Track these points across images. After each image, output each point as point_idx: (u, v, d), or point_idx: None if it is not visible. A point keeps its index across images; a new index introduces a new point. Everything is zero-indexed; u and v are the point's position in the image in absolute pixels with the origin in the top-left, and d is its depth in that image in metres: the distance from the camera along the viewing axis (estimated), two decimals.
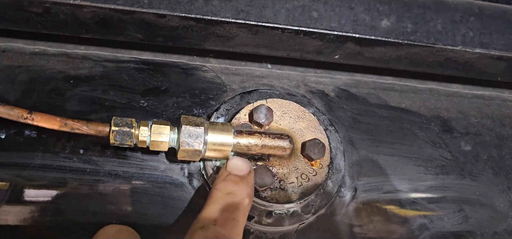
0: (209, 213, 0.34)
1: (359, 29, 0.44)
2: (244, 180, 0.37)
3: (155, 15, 0.40)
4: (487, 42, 0.46)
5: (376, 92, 0.52)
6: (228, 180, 0.36)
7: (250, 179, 0.38)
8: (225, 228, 0.32)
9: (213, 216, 0.33)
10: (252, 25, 0.42)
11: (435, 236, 0.46)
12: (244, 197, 0.35)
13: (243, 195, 0.36)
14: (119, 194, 0.41)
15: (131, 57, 0.48)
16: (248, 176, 0.37)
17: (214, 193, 0.35)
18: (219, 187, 0.36)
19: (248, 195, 0.36)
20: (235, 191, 0.35)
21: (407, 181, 0.47)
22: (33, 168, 0.40)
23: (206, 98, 0.47)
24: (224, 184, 0.36)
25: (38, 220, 0.39)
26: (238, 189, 0.36)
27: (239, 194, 0.35)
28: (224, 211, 0.34)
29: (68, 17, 0.41)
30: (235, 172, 0.37)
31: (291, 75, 0.51)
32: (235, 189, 0.36)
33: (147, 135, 0.38)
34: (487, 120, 0.53)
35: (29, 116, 0.37)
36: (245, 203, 0.35)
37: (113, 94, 0.45)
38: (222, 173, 0.37)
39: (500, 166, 0.50)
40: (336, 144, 0.46)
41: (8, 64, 0.44)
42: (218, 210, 0.34)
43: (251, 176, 0.38)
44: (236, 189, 0.36)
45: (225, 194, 0.35)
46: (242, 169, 0.37)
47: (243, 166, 0.38)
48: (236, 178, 0.36)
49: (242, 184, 0.36)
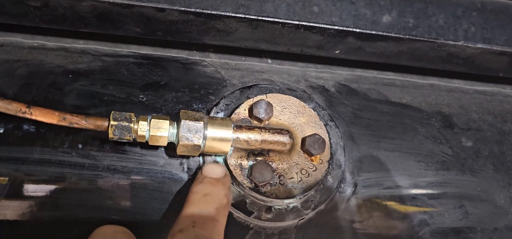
0: (188, 215, 0.34)
1: (360, 24, 0.43)
2: (220, 181, 0.37)
3: (154, 9, 0.40)
4: (489, 38, 0.46)
5: (377, 88, 0.52)
6: (204, 182, 0.36)
7: (227, 181, 0.38)
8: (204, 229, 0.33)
9: (192, 218, 0.33)
10: (252, 20, 0.42)
11: (435, 232, 0.46)
12: (222, 197, 0.36)
13: (221, 195, 0.36)
14: (118, 189, 0.41)
15: (130, 52, 0.48)
16: (224, 178, 0.38)
17: (191, 196, 0.35)
18: (196, 190, 0.36)
19: (225, 195, 0.36)
20: (212, 192, 0.36)
21: (408, 177, 0.47)
22: (32, 162, 0.40)
23: (205, 93, 0.46)
24: (201, 186, 0.36)
25: (37, 215, 0.39)
26: (215, 190, 0.36)
27: (216, 194, 0.36)
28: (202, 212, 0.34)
29: (67, 11, 0.40)
30: (211, 175, 0.37)
31: (291, 70, 0.51)
32: (212, 190, 0.36)
33: (146, 129, 0.38)
34: (488, 116, 0.53)
35: (27, 111, 0.37)
36: (223, 203, 0.36)
37: (112, 88, 0.44)
38: (198, 176, 0.38)
39: (501, 161, 0.50)
40: (336, 139, 0.46)
41: (7, 59, 0.44)
42: (197, 212, 0.34)
43: (227, 179, 0.38)
44: (213, 190, 0.36)
45: (202, 195, 0.35)
46: (218, 172, 0.38)
47: (218, 169, 0.38)
48: (212, 180, 0.37)
49: (219, 185, 0.36)
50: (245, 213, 0.42)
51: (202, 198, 0.35)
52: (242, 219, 0.42)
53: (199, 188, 0.36)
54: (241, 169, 0.41)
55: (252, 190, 0.41)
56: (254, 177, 0.40)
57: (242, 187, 0.41)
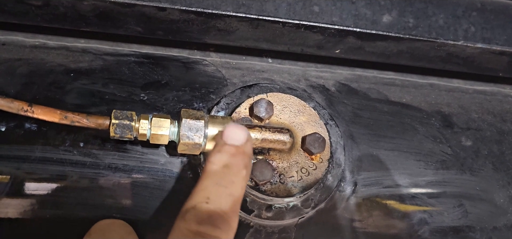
0: (202, 189, 0.31)
1: (360, 23, 0.44)
2: (241, 150, 0.33)
3: (155, 8, 0.40)
4: (489, 37, 0.46)
5: (377, 87, 0.52)
6: (223, 151, 0.33)
7: (248, 148, 0.34)
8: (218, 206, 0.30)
9: (207, 193, 0.31)
10: (252, 19, 0.42)
11: (434, 231, 0.46)
12: (241, 169, 0.33)
13: (240, 167, 0.33)
14: (119, 187, 0.41)
15: (131, 51, 0.48)
16: (246, 145, 0.34)
17: (208, 167, 0.32)
18: (214, 160, 0.33)
19: (245, 166, 0.33)
20: (231, 163, 0.32)
21: (407, 176, 0.47)
22: (33, 160, 0.40)
23: (206, 92, 0.47)
24: (219, 156, 0.33)
25: (38, 213, 0.39)
26: (234, 161, 0.33)
27: (235, 166, 0.32)
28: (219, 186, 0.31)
29: (68, 10, 0.41)
30: (232, 142, 0.34)
31: (292, 69, 0.51)
32: (231, 161, 0.32)
33: (147, 128, 0.38)
34: (488, 115, 0.53)
35: (29, 109, 0.37)
36: (242, 175, 0.33)
37: (113, 87, 0.45)
38: (218, 143, 0.34)
39: (501, 161, 0.50)
40: (336, 138, 0.46)
41: (8, 57, 0.44)
42: (212, 186, 0.31)
43: (249, 145, 0.35)
44: (232, 161, 0.33)
45: (220, 167, 0.32)
46: (240, 138, 0.34)
47: (240, 134, 0.34)
48: (232, 149, 0.33)
49: (239, 155, 0.33)
50: (246, 212, 0.42)
51: (220, 170, 0.32)
52: (243, 218, 0.42)
53: (217, 158, 0.33)
54: None
55: (253, 188, 0.41)
56: (254, 175, 0.40)
57: None
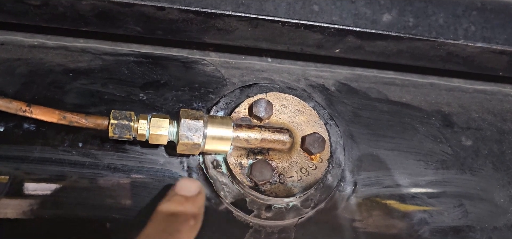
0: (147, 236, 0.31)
1: (360, 23, 0.43)
2: (191, 200, 0.34)
3: (154, 7, 0.40)
4: (489, 37, 0.46)
5: (377, 87, 0.52)
6: (172, 201, 0.34)
7: (199, 199, 0.35)
8: None
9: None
10: (252, 18, 0.42)
11: (435, 230, 0.46)
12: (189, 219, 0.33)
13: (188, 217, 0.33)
14: (118, 187, 0.41)
15: (130, 51, 0.48)
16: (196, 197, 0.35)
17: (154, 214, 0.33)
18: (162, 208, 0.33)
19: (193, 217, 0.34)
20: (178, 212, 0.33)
21: (407, 176, 0.47)
22: (32, 161, 0.40)
23: (205, 92, 0.46)
24: (167, 204, 0.34)
25: (37, 213, 0.39)
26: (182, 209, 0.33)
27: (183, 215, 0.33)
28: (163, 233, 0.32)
29: (67, 9, 0.40)
30: (183, 193, 0.35)
31: (291, 69, 0.51)
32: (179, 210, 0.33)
33: (146, 128, 0.38)
34: (488, 115, 0.53)
35: (28, 109, 0.37)
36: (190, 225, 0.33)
37: (112, 87, 0.44)
38: (168, 193, 0.35)
39: (501, 161, 0.50)
40: (336, 138, 0.46)
41: (7, 57, 0.44)
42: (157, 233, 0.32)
43: (201, 197, 0.35)
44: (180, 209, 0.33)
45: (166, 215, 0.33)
46: (191, 190, 0.35)
47: (192, 187, 0.35)
48: (181, 199, 0.34)
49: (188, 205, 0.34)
50: (245, 212, 0.42)
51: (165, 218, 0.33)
52: (242, 218, 0.42)
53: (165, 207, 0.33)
54: (241, 168, 0.41)
55: (252, 188, 0.41)
56: (254, 175, 0.40)
57: (242, 185, 0.41)
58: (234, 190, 0.42)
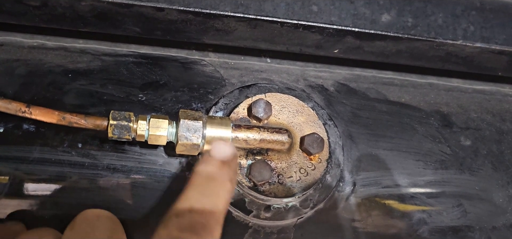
0: (186, 199, 0.31)
1: (359, 23, 0.43)
2: (227, 164, 0.34)
3: (153, 8, 0.40)
4: (488, 37, 0.46)
5: (376, 87, 0.52)
6: (209, 163, 0.34)
7: (233, 163, 0.35)
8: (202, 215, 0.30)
9: (190, 202, 0.31)
10: (251, 19, 0.42)
11: (433, 230, 0.46)
12: (226, 182, 0.33)
13: (224, 179, 0.33)
14: (118, 188, 0.41)
15: (129, 51, 0.48)
16: (231, 161, 0.35)
17: (193, 177, 0.33)
18: (199, 170, 0.33)
19: (230, 180, 0.34)
20: (216, 174, 0.33)
21: (406, 176, 0.47)
22: (31, 161, 0.40)
23: (204, 92, 0.46)
24: (204, 167, 0.33)
25: (36, 214, 0.39)
26: (219, 172, 0.33)
27: (220, 178, 0.33)
28: (202, 196, 0.32)
29: (66, 10, 0.41)
30: (218, 156, 0.35)
31: (290, 69, 0.51)
32: (216, 173, 0.33)
33: (145, 128, 0.38)
34: (487, 115, 0.53)
35: (27, 110, 0.37)
36: (227, 188, 0.33)
37: (111, 88, 0.45)
38: (204, 156, 0.35)
39: (500, 160, 0.50)
40: (335, 139, 0.46)
41: (6, 58, 0.44)
42: (196, 195, 0.32)
43: (235, 161, 0.36)
44: (217, 172, 0.33)
45: (204, 178, 0.33)
46: (226, 153, 0.35)
47: (227, 150, 0.35)
48: (217, 162, 0.34)
49: (224, 168, 0.34)
50: (244, 212, 0.42)
51: (204, 181, 0.33)
52: (241, 218, 0.42)
53: (202, 169, 0.33)
54: (240, 168, 0.41)
55: (251, 189, 0.41)
56: (253, 176, 0.40)
57: (241, 186, 0.41)
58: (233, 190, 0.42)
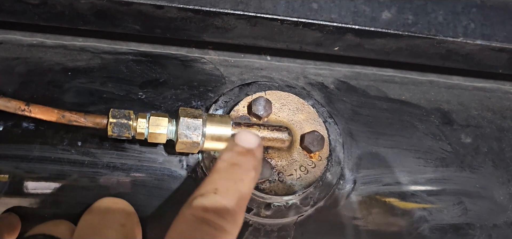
0: (211, 182, 0.32)
1: (359, 20, 0.43)
2: (251, 152, 0.35)
3: (153, 6, 0.40)
4: (488, 34, 0.46)
5: (376, 85, 0.52)
6: (234, 151, 0.34)
7: (258, 152, 0.35)
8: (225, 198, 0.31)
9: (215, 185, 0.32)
10: (251, 17, 0.42)
11: (434, 228, 0.46)
12: (250, 169, 0.34)
13: (249, 167, 0.34)
14: (118, 186, 0.41)
15: (129, 49, 0.48)
16: (256, 149, 0.35)
17: (219, 163, 0.34)
18: (224, 157, 0.34)
19: (254, 168, 0.34)
20: (240, 162, 0.34)
21: (407, 174, 0.47)
22: (31, 160, 0.40)
23: (204, 90, 0.46)
24: (229, 154, 0.34)
25: (36, 212, 0.39)
26: (244, 160, 0.34)
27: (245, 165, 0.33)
28: (227, 180, 0.32)
29: (65, 8, 0.40)
30: (243, 144, 0.35)
31: (290, 67, 0.51)
32: (241, 160, 0.34)
33: (145, 126, 0.38)
34: (487, 112, 0.53)
35: (26, 108, 0.37)
36: (251, 175, 0.34)
37: (111, 86, 0.44)
38: (229, 143, 0.35)
39: (501, 158, 0.50)
40: (335, 136, 0.46)
41: (6, 56, 0.44)
42: (221, 179, 0.32)
43: (260, 150, 0.36)
44: (242, 160, 0.34)
45: (229, 164, 0.33)
46: (251, 142, 0.35)
47: (251, 139, 0.35)
48: (243, 150, 0.34)
49: (249, 156, 0.34)
50: None
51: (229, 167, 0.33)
52: None
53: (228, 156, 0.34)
54: None
55: None
56: None
57: None
58: None
